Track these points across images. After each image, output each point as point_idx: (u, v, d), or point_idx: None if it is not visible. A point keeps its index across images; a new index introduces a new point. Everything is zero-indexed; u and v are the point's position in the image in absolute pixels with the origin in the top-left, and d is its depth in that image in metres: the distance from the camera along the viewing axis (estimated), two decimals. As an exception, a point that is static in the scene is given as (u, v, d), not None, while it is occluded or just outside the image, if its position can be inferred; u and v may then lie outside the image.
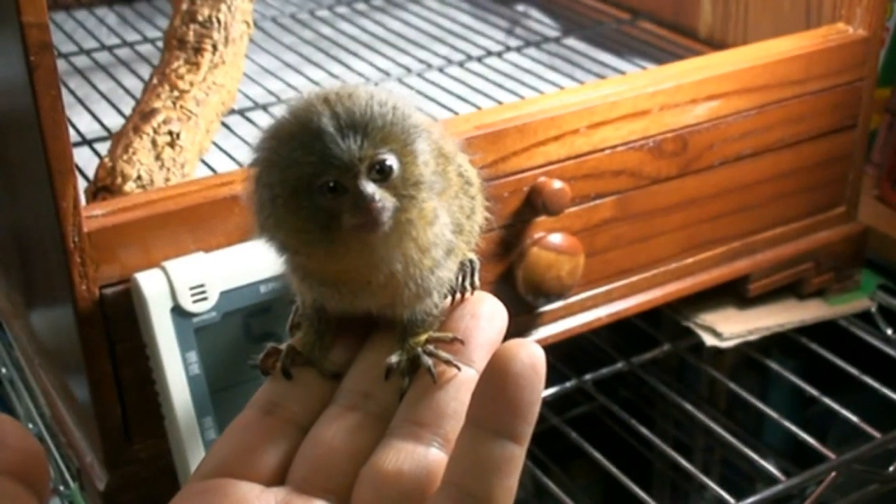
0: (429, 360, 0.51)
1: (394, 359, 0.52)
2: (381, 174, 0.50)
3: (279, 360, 0.54)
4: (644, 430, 1.12)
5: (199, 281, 0.80)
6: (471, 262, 0.56)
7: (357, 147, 0.49)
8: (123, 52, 1.33)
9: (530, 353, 0.46)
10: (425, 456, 0.49)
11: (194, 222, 0.82)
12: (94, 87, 1.21)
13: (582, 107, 0.96)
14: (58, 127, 0.74)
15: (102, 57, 1.31)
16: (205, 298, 0.80)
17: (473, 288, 0.56)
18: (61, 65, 1.27)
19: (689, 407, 1.15)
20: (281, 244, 0.52)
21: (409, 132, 0.51)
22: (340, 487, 0.49)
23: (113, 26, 1.42)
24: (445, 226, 0.53)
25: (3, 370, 1.13)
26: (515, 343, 0.47)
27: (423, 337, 0.53)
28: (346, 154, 0.49)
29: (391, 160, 0.50)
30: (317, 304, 0.55)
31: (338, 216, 0.49)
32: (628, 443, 1.27)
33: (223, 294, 0.81)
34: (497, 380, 0.46)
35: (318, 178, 0.49)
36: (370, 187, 0.49)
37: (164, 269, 0.80)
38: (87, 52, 1.32)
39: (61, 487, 0.97)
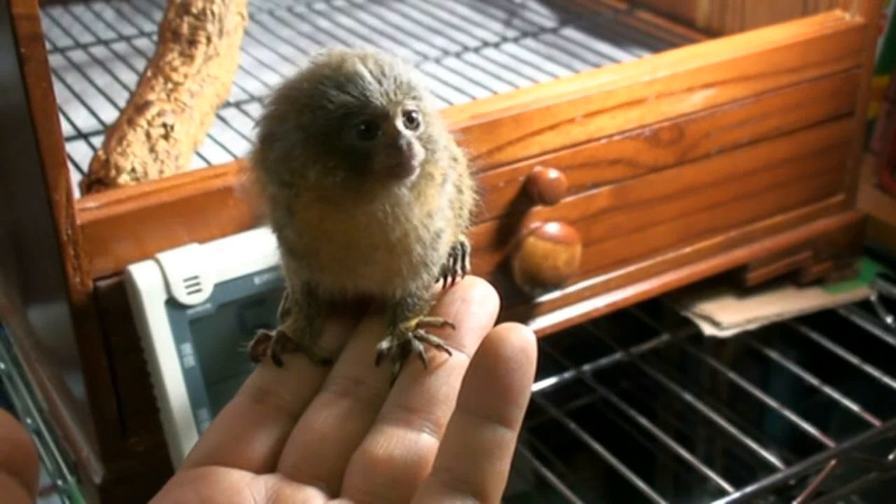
0: (420, 345, 0.51)
1: (384, 344, 0.52)
2: (410, 123, 0.50)
3: (269, 346, 0.54)
4: (645, 422, 1.12)
5: (194, 273, 0.80)
6: (462, 244, 0.56)
7: (393, 92, 0.49)
8: (120, 47, 1.32)
9: (521, 337, 0.46)
10: (416, 441, 0.48)
11: (188, 214, 0.82)
12: (90, 81, 1.21)
13: (577, 96, 0.96)
14: (49, 119, 0.73)
15: (99, 51, 1.31)
16: (199, 290, 0.80)
17: (464, 272, 0.55)
18: (58, 60, 1.28)
19: (690, 398, 1.15)
20: (307, 190, 0.50)
21: (425, 94, 0.51)
22: (331, 474, 0.49)
23: (110, 21, 1.42)
24: (450, 193, 0.53)
25: (2, 365, 1.13)
26: (506, 327, 0.46)
27: (414, 322, 0.53)
28: (384, 97, 0.49)
29: (417, 112, 0.50)
30: (307, 289, 0.55)
31: (370, 158, 0.49)
32: (630, 434, 1.27)
33: (217, 286, 0.81)
34: (488, 364, 0.46)
35: (354, 118, 0.49)
36: (406, 130, 0.49)
37: (157, 261, 0.80)
38: (84, 47, 1.32)
39: (59, 482, 0.97)
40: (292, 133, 0.49)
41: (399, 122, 0.49)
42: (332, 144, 0.49)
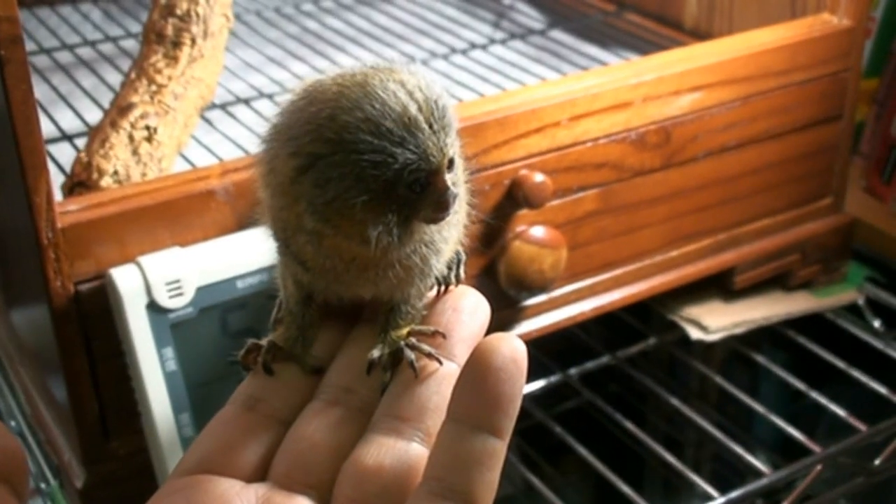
0: (411, 354, 0.51)
1: (376, 353, 0.52)
2: (450, 168, 0.51)
3: (260, 355, 0.54)
4: (632, 426, 1.11)
5: (175, 276, 0.79)
6: (457, 254, 0.56)
7: (443, 143, 0.50)
8: (106, 48, 1.32)
9: (511, 347, 0.46)
10: (406, 451, 0.48)
11: (170, 217, 0.81)
12: (76, 83, 1.20)
13: (563, 99, 0.95)
14: (29, 122, 0.73)
15: (85, 52, 1.30)
16: (181, 294, 0.79)
17: (458, 281, 0.55)
18: (44, 61, 1.27)
19: (677, 402, 1.14)
20: (349, 235, 0.50)
21: (456, 127, 0.51)
22: (322, 483, 0.49)
23: (97, 22, 1.41)
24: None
25: (-16, 369, 1.12)
26: (496, 337, 0.46)
27: (405, 330, 0.53)
28: (439, 152, 0.49)
29: (457, 155, 0.51)
30: (304, 300, 0.55)
31: (416, 210, 0.50)
32: (617, 438, 1.27)
33: (199, 289, 0.80)
34: (478, 374, 0.46)
35: (412, 174, 0.49)
36: (451, 183, 0.50)
37: (139, 265, 0.79)
38: (70, 48, 1.31)
39: (42, 485, 0.96)
40: (353, 186, 0.48)
41: (446, 175, 0.50)
42: (388, 198, 0.49)
